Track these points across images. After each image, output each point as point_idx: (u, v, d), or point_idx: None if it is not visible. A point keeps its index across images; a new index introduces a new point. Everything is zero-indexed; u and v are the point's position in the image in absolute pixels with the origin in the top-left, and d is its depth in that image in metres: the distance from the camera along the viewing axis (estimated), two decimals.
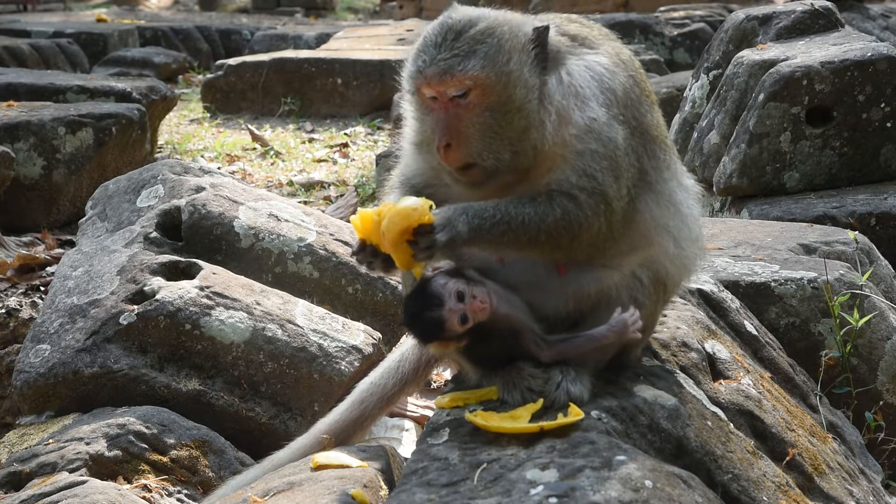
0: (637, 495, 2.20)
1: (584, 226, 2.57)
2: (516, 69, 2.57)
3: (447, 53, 2.56)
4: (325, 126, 10.48)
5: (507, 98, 2.57)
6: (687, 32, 12.64)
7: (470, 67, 2.54)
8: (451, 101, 2.58)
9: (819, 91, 5.55)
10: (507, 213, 2.54)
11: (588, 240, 2.60)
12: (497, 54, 2.56)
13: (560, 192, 2.57)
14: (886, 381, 3.80)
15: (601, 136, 2.58)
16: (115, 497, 3.12)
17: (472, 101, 2.57)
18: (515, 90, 2.57)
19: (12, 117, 6.79)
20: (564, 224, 2.56)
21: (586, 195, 2.56)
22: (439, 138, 2.58)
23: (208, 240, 4.37)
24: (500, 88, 2.56)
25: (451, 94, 2.56)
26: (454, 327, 2.56)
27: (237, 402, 3.80)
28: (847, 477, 3.15)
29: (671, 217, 2.73)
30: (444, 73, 2.55)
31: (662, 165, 2.75)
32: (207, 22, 17.47)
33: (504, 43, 2.58)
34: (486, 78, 2.55)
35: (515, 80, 2.57)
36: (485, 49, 2.56)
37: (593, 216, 2.57)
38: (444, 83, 2.56)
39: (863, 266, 4.14)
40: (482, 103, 2.57)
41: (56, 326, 3.91)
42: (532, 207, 2.55)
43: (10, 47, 11.68)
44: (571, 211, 2.56)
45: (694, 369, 3.02)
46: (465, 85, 2.55)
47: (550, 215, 2.55)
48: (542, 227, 2.55)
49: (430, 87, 2.58)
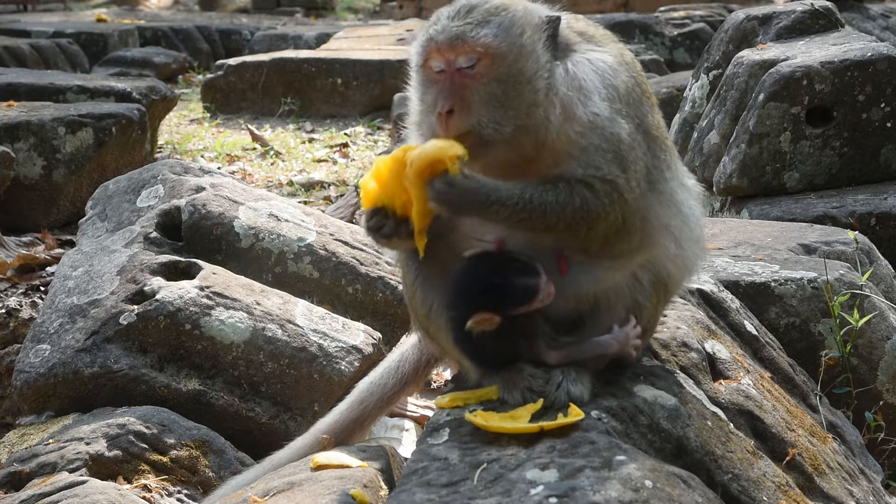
0: (637, 495, 2.20)
1: (601, 216, 2.56)
2: (529, 44, 2.56)
3: (460, 22, 2.56)
4: (325, 126, 10.49)
5: (518, 70, 2.55)
6: (687, 32, 12.65)
7: (482, 35, 2.53)
8: (458, 72, 2.55)
9: (819, 91, 5.55)
10: (530, 200, 2.52)
11: (603, 230, 2.58)
12: (511, 26, 2.56)
13: (577, 180, 2.55)
14: (886, 381, 3.80)
15: (605, 131, 2.58)
16: (115, 497, 3.12)
17: (481, 71, 2.54)
18: (527, 63, 2.55)
19: (12, 117, 6.79)
20: (583, 214, 2.55)
21: (600, 183, 2.55)
22: (442, 104, 2.54)
23: (208, 240, 4.37)
24: (512, 60, 2.54)
25: (461, 63, 2.54)
26: (537, 301, 2.54)
27: (237, 402, 3.80)
28: (847, 477, 3.15)
29: (673, 217, 2.73)
30: (456, 39, 2.53)
31: (663, 165, 2.75)
32: (207, 22, 17.46)
33: (518, 18, 2.58)
34: (499, 47, 2.53)
35: (528, 53, 2.56)
36: (498, 20, 2.56)
37: (609, 205, 2.56)
38: (455, 49, 2.53)
39: (863, 266, 4.14)
40: (490, 73, 2.54)
41: (56, 326, 3.91)
42: (554, 195, 2.53)
43: (10, 47, 11.68)
44: (590, 200, 2.54)
45: (694, 369, 3.02)
46: (477, 52, 2.52)
47: (570, 205, 2.53)
48: (561, 217, 2.54)
49: (441, 53, 2.56)
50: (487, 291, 2.56)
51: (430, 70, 2.61)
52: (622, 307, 2.69)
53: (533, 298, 2.54)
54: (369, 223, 2.59)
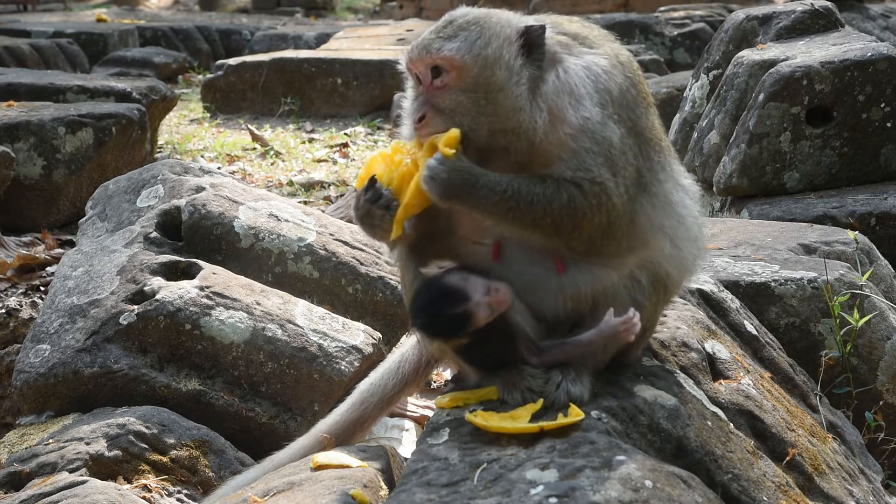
0: (637, 495, 2.20)
1: (587, 216, 2.59)
2: (493, 54, 2.64)
3: (433, 36, 2.70)
4: (325, 126, 10.49)
5: (486, 80, 2.63)
6: (687, 32, 12.65)
7: (446, 49, 2.65)
8: (431, 84, 2.67)
9: (819, 91, 5.55)
10: (518, 190, 2.58)
11: (588, 231, 2.61)
12: (476, 40, 2.66)
13: (565, 179, 2.60)
14: (886, 381, 3.80)
15: (595, 135, 2.61)
16: (115, 497, 3.12)
17: (450, 83, 2.65)
18: (495, 73, 2.63)
19: (12, 117, 6.79)
20: (569, 211, 2.58)
21: (589, 184, 2.59)
22: (416, 113, 2.68)
23: (208, 240, 4.37)
24: (477, 71, 2.63)
25: (430, 75, 2.66)
26: (480, 320, 2.56)
27: (237, 402, 3.80)
28: (847, 477, 3.15)
29: (667, 218, 2.74)
30: (423, 51, 2.67)
31: (657, 167, 2.76)
32: (207, 22, 17.47)
33: (486, 31, 2.67)
34: (462, 60, 2.63)
35: (493, 63, 2.64)
36: (465, 35, 2.67)
37: (597, 207, 2.59)
38: (423, 61, 2.66)
39: (863, 266, 4.14)
40: (457, 84, 2.65)
41: (56, 326, 3.91)
42: (542, 188, 2.59)
43: (10, 47, 11.68)
44: (577, 198, 2.58)
45: (694, 369, 3.02)
46: (439, 65, 2.64)
47: (557, 200, 2.58)
48: (547, 210, 2.58)
49: (413, 64, 2.70)
50: (425, 326, 2.67)
51: (416, 80, 2.73)
52: (621, 307, 2.69)
53: (467, 323, 2.57)
54: (367, 194, 2.65)
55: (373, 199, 2.64)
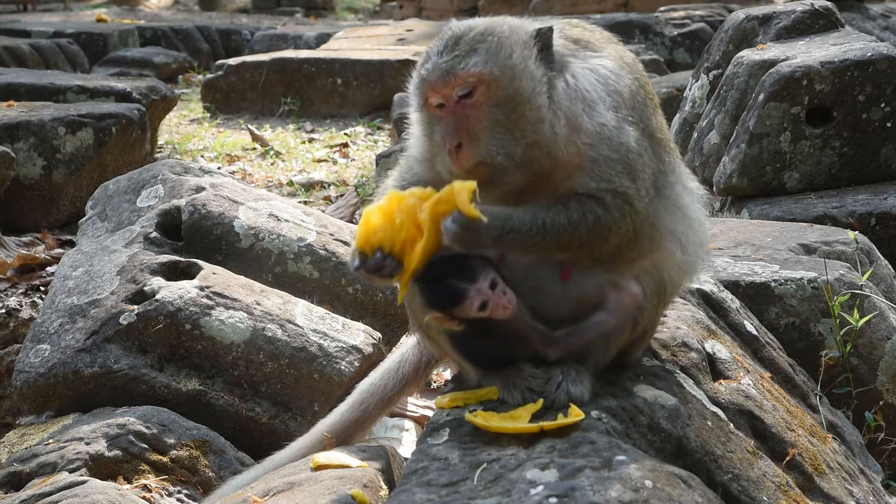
0: (637, 495, 2.20)
1: (613, 230, 2.55)
2: (520, 63, 2.54)
3: (448, 56, 2.55)
4: (325, 126, 10.48)
5: (515, 91, 2.53)
6: (687, 32, 12.64)
7: (472, 64, 2.52)
8: (457, 105, 2.54)
9: (819, 91, 5.55)
10: (543, 225, 2.51)
11: (616, 242, 2.58)
12: (499, 50, 2.55)
13: (587, 195, 2.54)
14: (886, 381, 3.80)
15: (612, 141, 2.56)
16: (115, 497, 3.12)
17: (479, 99, 2.53)
18: (522, 83, 2.53)
19: (12, 117, 6.79)
20: (597, 230, 2.54)
21: (611, 196, 2.54)
22: (450, 141, 2.53)
23: (208, 240, 4.37)
24: (507, 82, 2.53)
25: (457, 95, 2.53)
26: (470, 308, 2.52)
27: (237, 402, 3.81)
28: (847, 477, 3.15)
29: (678, 221, 2.72)
30: (446, 75, 2.53)
31: (668, 169, 2.74)
32: (207, 22, 17.46)
33: (504, 40, 2.57)
34: (490, 73, 2.52)
35: (520, 72, 2.54)
36: (485, 46, 2.55)
37: (621, 218, 2.55)
38: (449, 84, 2.53)
39: (863, 266, 4.14)
40: (489, 100, 2.53)
41: (56, 326, 3.91)
42: (566, 216, 2.52)
43: (10, 47, 11.68)
44: (602, 216, 2.53)
45: (694, 369, 3.02)
46: (469, 83, 2.52)
47: (583, 224, 2.53)
48: (574, 235, 2.53)
49: (436, 91, 2.56)
50: (428, 285, 2.56)
51: (431, 107, 2.60)
52: None
53: (459, 302, 2.52)
54: (368, 264, 2.51)
55: (374, 269, 2.52)
